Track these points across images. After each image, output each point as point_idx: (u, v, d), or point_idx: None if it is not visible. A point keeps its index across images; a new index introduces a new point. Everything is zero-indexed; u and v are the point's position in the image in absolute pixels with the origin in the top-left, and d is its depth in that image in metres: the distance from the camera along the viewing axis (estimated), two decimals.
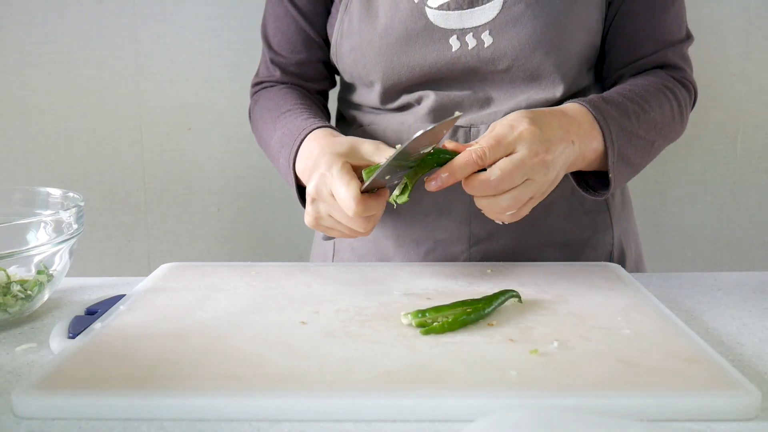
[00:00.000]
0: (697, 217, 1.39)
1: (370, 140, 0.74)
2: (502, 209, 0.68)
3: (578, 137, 0.73)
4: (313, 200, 0.72)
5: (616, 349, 0.57)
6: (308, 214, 0.74)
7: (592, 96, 0.79)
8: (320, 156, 0.73)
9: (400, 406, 0.49)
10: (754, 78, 1.32)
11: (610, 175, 0.76)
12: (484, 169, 0.66)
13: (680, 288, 0.79)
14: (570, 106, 0.77)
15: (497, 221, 0.72)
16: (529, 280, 0.75)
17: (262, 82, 0.97)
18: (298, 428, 0.48)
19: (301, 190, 0.83)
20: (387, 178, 0.68)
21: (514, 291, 0.68)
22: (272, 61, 0.96)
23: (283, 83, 0.96)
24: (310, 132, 0.80)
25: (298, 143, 0.80)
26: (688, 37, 0.90)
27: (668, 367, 0.54)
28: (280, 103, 0.90)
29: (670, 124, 0.83)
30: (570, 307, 0.67)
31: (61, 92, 1.30)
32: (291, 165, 0.81)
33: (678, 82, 0.87)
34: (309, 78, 0.97)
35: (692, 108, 0.90)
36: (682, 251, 1.41)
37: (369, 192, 0.69)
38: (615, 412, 0.49)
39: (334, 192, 0.68)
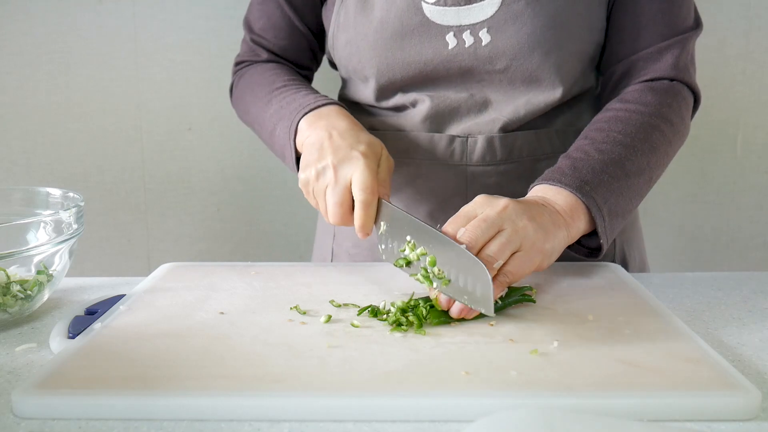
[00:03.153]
0: (697, 217, 1.39)
1: (389, 160, 0.77)
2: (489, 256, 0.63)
3: (565, 226, 0.70)
4: (324, 168, 0.73)
5: (617, 349, 0.57)
6: (305, 173, 0.76)
7: (572, 161, 0.75)
8: (358, 137, 0.76)
9: (400, 406, 0.49)
10: (754, 78, 1.32)
11: (602, 242, 0.74)
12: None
13: (680, 288, 0.79)
14: (549, 192, 0.73)
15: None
16: (529, 280, 0.75)
17: (245, 61, 0.97)
18: (298, 428, 0.48)
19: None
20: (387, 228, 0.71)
21: (528, 296, 0.68)
22: (255, 42, 0.95)
23: (268, 61, 0.96)
24: (331, 104, 0.82)
25: (312, 106, 0.81)
26: (697, 26, 0.85)
27: (668, 367, 0.54)
28: (272, 78, 0.90)
29: (665, 150, 0.80)
30: (570, 307, 0.67)
31: (61, 92, 1.30)
32: (298, 118, 0.81)
33: (673, 94, 0.82)
34: (292, 62, 0.96)
35: (695, 111, 0.87)
36: (682, 251, 1.41)
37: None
38: (615, 412, 0.49)
39: (356, 177, 0.71)
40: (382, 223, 0.72)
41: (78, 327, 0.62)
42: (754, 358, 0.60)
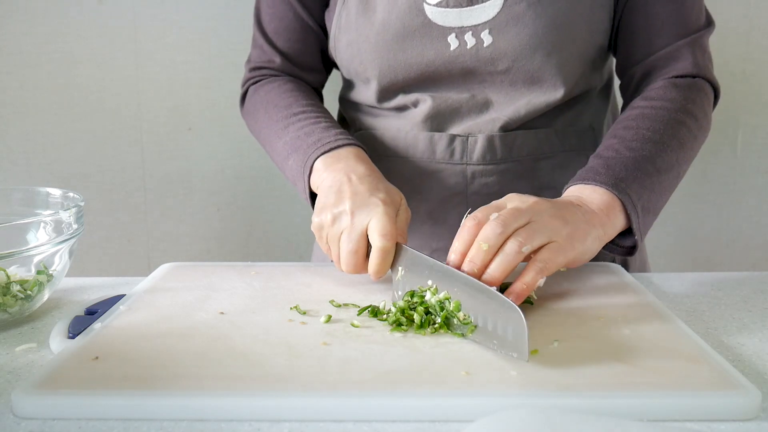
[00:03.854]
0: (697, 217, 1.39)
1: (407, 210, 0.75)
2: (512, 250, 0.63)
3: (601, 225, 0.70)
4: (340, 213, 0.71)
5: (617, 349, 0.57)
6: (320, 217, 0.73)
7: (605, 161, 0.75)
8: (377, 184, 0.73)
9: (400, 406, 0.49)
10: (754, 78, 1.32)
11: (636, 238, 0.73)
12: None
13: (680, 288, 0.79)
14: (585, 191, 0.72)
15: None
16: None
17: (261, 68, 0.95)
18: (298, 428, 0.48)
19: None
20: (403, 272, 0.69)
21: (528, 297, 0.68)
22: (269, 44, 0.93)
23: (282, 72, 0.94)
24: (349, 145, 0.79)
25: (331, 146, 0.79)
26: (709, 24, 0.86)
27: (668, 367, 0.54)
28: (290, 101, 0.88)
29: (691, 145, 0.80)
30: (570, 307, 0.67)
31: (61, 92, 1.30)
32: (314, 155, 0.79)
33: (696, 90, 0.83)
34: (306, 67, 0.95)
35: (715, 106, 0.88)
36: (682, 251, 1.41)
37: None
38: (615, 412, 0.48)
39: (374, 223, 0.69)
40: (399, 268, 0.69)
41: (78, 327, 0.62)
42: (754, 358, 0.60)
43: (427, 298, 0.63)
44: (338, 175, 0.75)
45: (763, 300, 0.75)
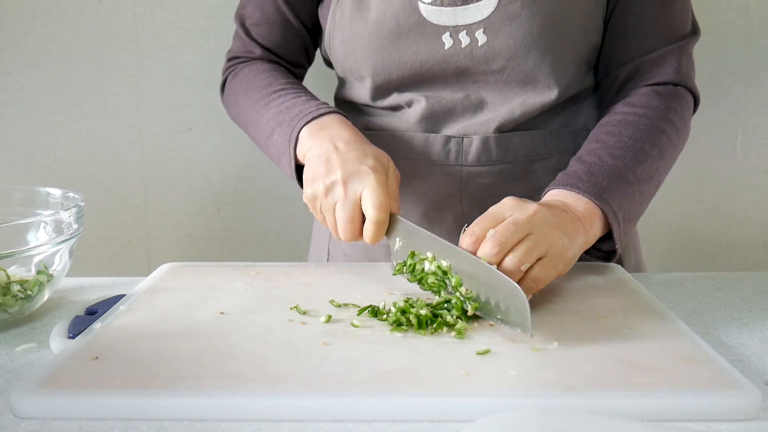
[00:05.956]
0: (697, 217, 1.39)
1: (396, 172, 0.75)
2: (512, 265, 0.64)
3: (584, 232, 0.71)
4: (333, 183, 0.72)
5: (616, 349, 0.57)
6: (312, 187, 0.74)
7: (588, 167, 0.76)
8: (364, 150, 0.74)
9: (400, 406, 0.49)
10: (754, 78, 1.32)
11: (617, 247, 0.75)
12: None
13: (680, 288, 0.79)
14: (569, 197, 0.74)
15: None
16: None
17: (239, 57, 0.95)
18: (298, 428, 0.48)
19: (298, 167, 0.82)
20: (401, 242, 0.70)
21: None
22: (248, 37, 0.93)
23: (262, 60, 0.94)
24: (332, 113, 0.80)
25: (314, 115, 0.80)
26: (695, 32, 0.87)
27: (668, 367, 0.54)
28: (269, 80, 0.88)
29: (671, 154, 0.81)
30: (570, 307, 0.67)
31: (61, 92, 1.30)
32: (297, 131, 0.80)
33: (677, 99, 0.84)
34: (285, 60, 0.95)
35: (694, 113, 0.88)
36: (682, 251, 1.41)
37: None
38: (615, 412, 0.49)
39: (368, 194, 0.70)
40: (396, 239, 0.71)
41: (78, 327, 0.63)
42: (754, 358, 0.60)
43: (426, 268, 0.65)
44: (324, 143, 0.75)
45: (763, 300, 0.75)
